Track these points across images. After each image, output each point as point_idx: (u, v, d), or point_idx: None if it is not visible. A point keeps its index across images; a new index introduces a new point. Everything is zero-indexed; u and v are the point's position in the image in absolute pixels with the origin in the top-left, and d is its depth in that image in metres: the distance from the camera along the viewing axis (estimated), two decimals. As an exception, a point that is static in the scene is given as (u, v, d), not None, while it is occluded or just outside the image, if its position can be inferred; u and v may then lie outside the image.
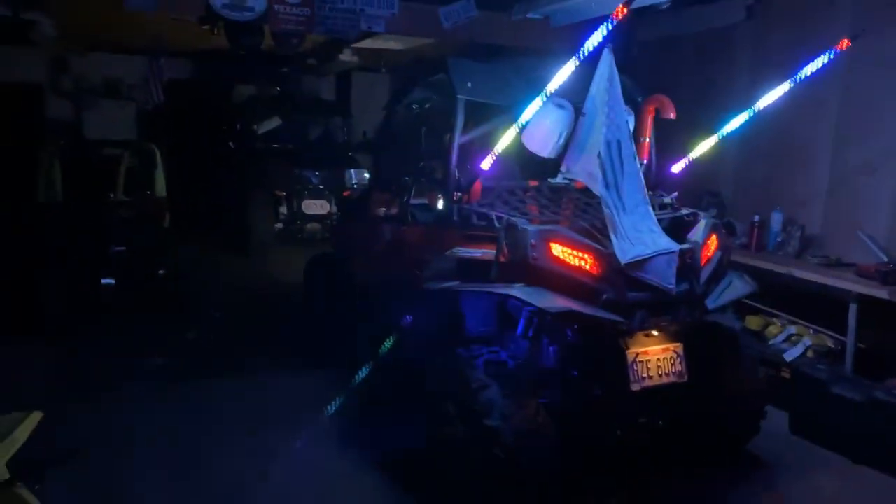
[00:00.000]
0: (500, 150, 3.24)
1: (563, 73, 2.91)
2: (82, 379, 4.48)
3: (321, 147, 9.67)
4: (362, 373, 3.57)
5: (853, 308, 4.06)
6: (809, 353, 4.37)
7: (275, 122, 9.11)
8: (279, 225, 8.56)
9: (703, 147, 3.65)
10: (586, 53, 2.87)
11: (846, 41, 2.99)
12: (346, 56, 9.13)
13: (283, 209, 8.59)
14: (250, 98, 10.15)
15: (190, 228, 7.88)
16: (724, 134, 3.55)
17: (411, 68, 9.85)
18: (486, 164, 3.31)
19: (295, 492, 3.28)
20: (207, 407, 4.15)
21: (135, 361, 4.77)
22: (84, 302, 5.36)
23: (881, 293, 3.86)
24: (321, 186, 8.76)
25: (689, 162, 3.75)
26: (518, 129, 3.18)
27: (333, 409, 3.95)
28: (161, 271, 5.87)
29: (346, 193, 8.50)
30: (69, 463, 3.36)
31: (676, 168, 3.80)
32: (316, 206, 8.71)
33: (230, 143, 9.13)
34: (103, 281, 5.32)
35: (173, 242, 6.09)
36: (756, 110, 3.43)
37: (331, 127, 10.03)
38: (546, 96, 3.02)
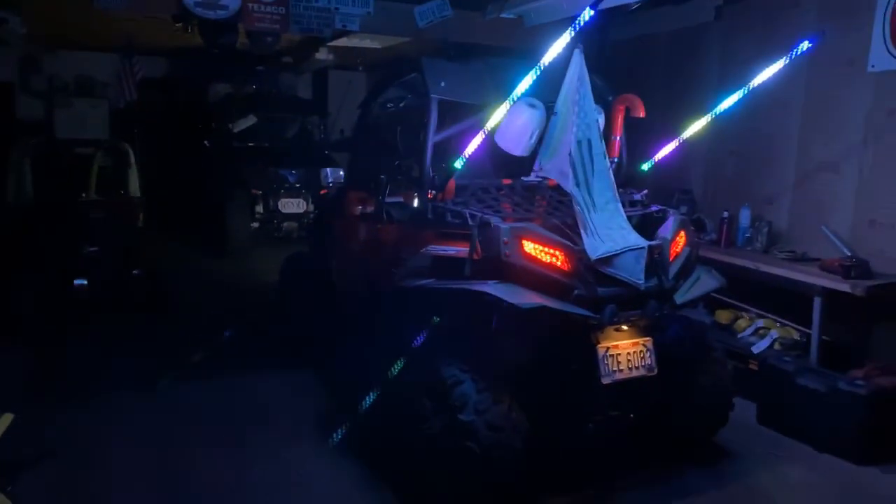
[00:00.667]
0: (473, 149, 3.28)
1: (535, 73, 2.96)
2: (55, 381, 4.43)
3: (298, 145, 9.64)
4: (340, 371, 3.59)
5: (818, 301, 4.18)
6: (776, 346, 4.49)
7: (250, 121, 9.06)
8: (255, 224, 8.53)
9: (674, 145, 3.72)
10: (558, 53, 2.92)
11: (805, 44, 3.09)
12: (322, 54, 9.13)
13: (260, 208, 8.56)
14: (226, 96, 10.08)
15: (165, 228, 7.83)
16: (692, 132, 3.63)
17: (388, 67, 9.87)
18: (459, 162, 3.35)
19: (271, 486, 3.30)
20: (184, 407, 4.13)
21: (109, 363, 4.75)
22: (56, 303, 5.30)
23: (844, 287, 3.98)
24: (298, 185, 8.75)
25: (661, 159, 3.82)
26: (491, 129, 3.23)
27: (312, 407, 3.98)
28: (135, 272, 5.82)
29: (322, 192, 8.50)
30: (43, 465, 3.35)
31: (647, 166, 3.88)
32: (292, 205, 8.69)
33: (205, 142, 9.06)
34: (76, 282, 5.26)
35: (148, 242, 6.05)
36: (726, 108, 3.50)
37: (307, 125, 10.01)
38: (520, 96, 3.05)
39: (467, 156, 3.27)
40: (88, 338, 5.15)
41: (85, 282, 5.24)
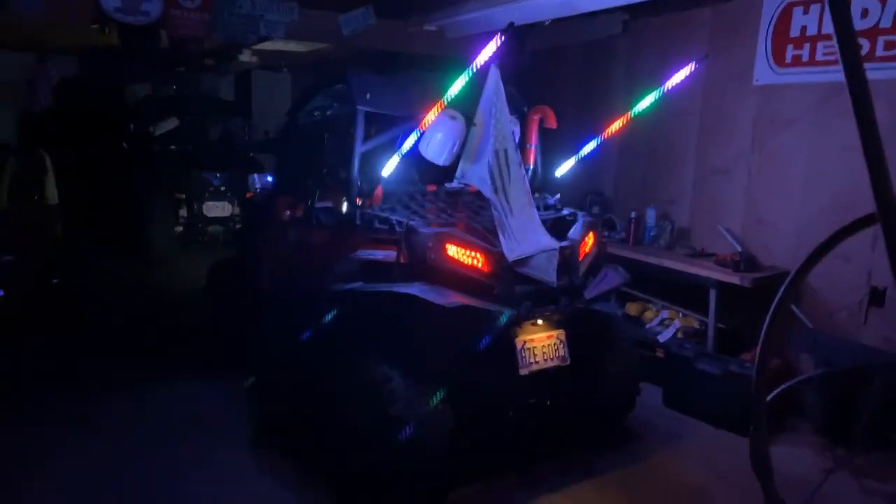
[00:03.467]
0: (399, 158, 3.48)
1: (455, 87, 3.18)
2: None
3: (222, 148, 9.53)
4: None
5: (713, 293, 4.62)
6: (679, 335, 4.92)
7: (172, 123, 8.90)
8: (179, 228, 8.40)
9: (586, 151, 3.98)
10: (476, 68, 3.16)
11: (692, 65, 3.44)
12: (245, 56, 9.07)
13: (184, 212, 8.44)
14: (145, 98, 9.83)
15: (86, 235, 7.60)
16: (602, 139, 3.91)
17: (312, 69, 9.88)
18: (386, 170, 3.54)
19: (206, 489, 3.37)
20: (114, 415, 4.13)
21: (32, 373, 4.65)
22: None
23: (734, 279, 4.43)
24: (223, 188, 8.67)
25: (573, 165, 4.10)
26: (415, 139, 3.43)
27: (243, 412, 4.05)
28: (54, 281, 5.67)
29: (248, 195, 8.44)
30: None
31: (560, 171, 4.17)
32: (217, 209, 8.62)
33: (124, 145, 8.82)
34: (-9, 292, 5.10)
35: (67, 250, 5.89)
36: (629, 117, 3.76)
37: (231, 127, 9.91)
38: (441, 109, 3.27)
39: (393, 165, 3.47)
40: (9, 349, 5.01)
41: (1, 292, 5.09)
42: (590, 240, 3.61)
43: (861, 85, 1.13)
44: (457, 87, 3.17)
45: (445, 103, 3.22)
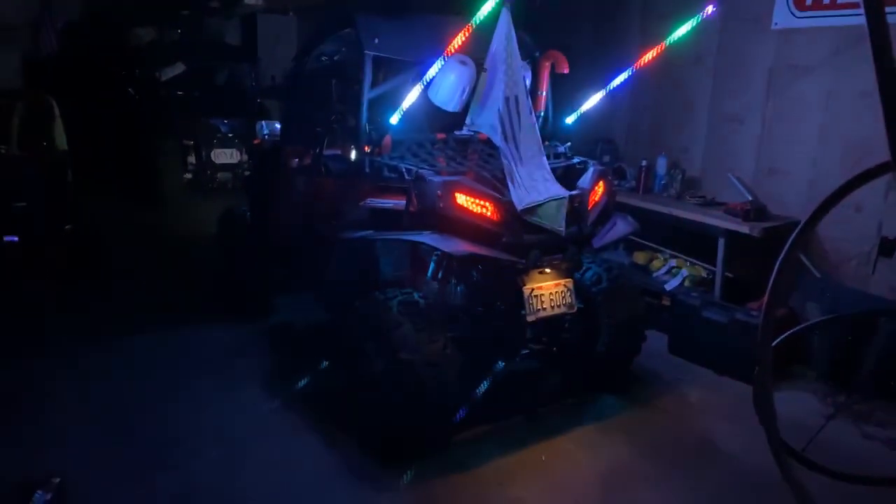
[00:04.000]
0: (408, 105, 3.44)
1: (466, 31, 3.09)
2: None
3: (229, 94, 9.43)
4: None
5: (721, 242, 4.62)
6: (686, 283, 4.94)
7: (178, 69, 8.78)
8: (188, 175, 8.41)
9: (598, 98, 3.91)
10: (487, 12, 3.07)
11: (710, 7, 3.34)
12: (250, -1, 8.89)
13: (192, 159, 8.42)
14: (150, 43, 9.67)
15: (95, 182, 7.63)
16: (616, 85, 3.82)
17: (319, 13, 9.66)
18: (395, 118, 3.51)
19: (221, 429, 3.47)
20: (131, 360, 4.23)
21: (54, 317, 4.75)
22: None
23: (743, 228, 4.42)
24: (230, 135, 8.62)
25: (586, 111, 4.01)
26: (424, 85, 3.37)
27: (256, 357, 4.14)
28: (67, 226, 5.73)
29: (256, 142, 8.40)
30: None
31: (571, 119, 4.11)
32: (226, 156, 8.58)
33: (130, 91, 8.74)
34: (6, 238, 5.16)
35: (78, 197, 5.93)
36: (664, 47, 3.58)
37: (237, 73, 9.77)
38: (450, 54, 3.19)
39: (402, 111, 3.43)
40: (28, 292, 5.11)
41: (16, 238, 5.15)
42: (599, 188, 3.59)
43: (881, 27, 1.10)
44: (467, 30, 3.04)
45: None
